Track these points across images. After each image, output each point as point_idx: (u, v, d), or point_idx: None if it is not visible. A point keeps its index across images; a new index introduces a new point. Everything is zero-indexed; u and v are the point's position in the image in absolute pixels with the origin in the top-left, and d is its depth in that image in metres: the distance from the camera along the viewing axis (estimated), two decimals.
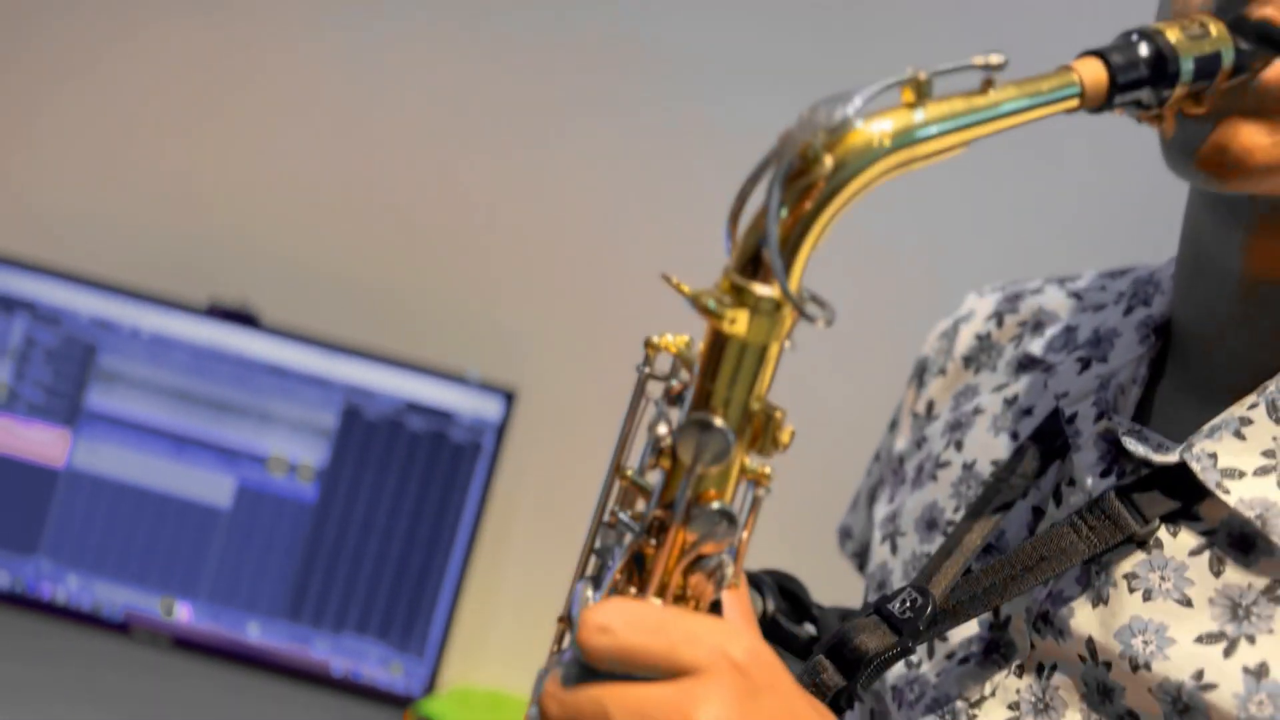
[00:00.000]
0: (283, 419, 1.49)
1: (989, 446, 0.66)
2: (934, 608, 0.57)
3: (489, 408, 1.49)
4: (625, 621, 0.44)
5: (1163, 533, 0.55)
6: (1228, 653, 0.52)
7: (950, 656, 0.61)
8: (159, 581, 1.48)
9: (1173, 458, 0.55)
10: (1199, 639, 0.53)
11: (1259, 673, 0.52)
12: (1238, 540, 0.54)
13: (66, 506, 1.48)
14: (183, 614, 1.48)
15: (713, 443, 0.45)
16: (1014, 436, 0.65)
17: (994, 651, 0.60)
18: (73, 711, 1.30)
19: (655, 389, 0.51)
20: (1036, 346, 0.67)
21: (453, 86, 1.62)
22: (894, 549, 0.69)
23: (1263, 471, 0.54)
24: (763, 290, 0.44)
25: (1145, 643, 0.54)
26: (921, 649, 0.62)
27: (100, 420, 1.49)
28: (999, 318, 0.72)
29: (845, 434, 1.13)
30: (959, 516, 0.63)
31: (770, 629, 0.63)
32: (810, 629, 0.65)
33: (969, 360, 0.72)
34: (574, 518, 1.45)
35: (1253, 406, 0.55)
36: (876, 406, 0.90)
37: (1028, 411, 0.65)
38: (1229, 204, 0.55)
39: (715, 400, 0.45)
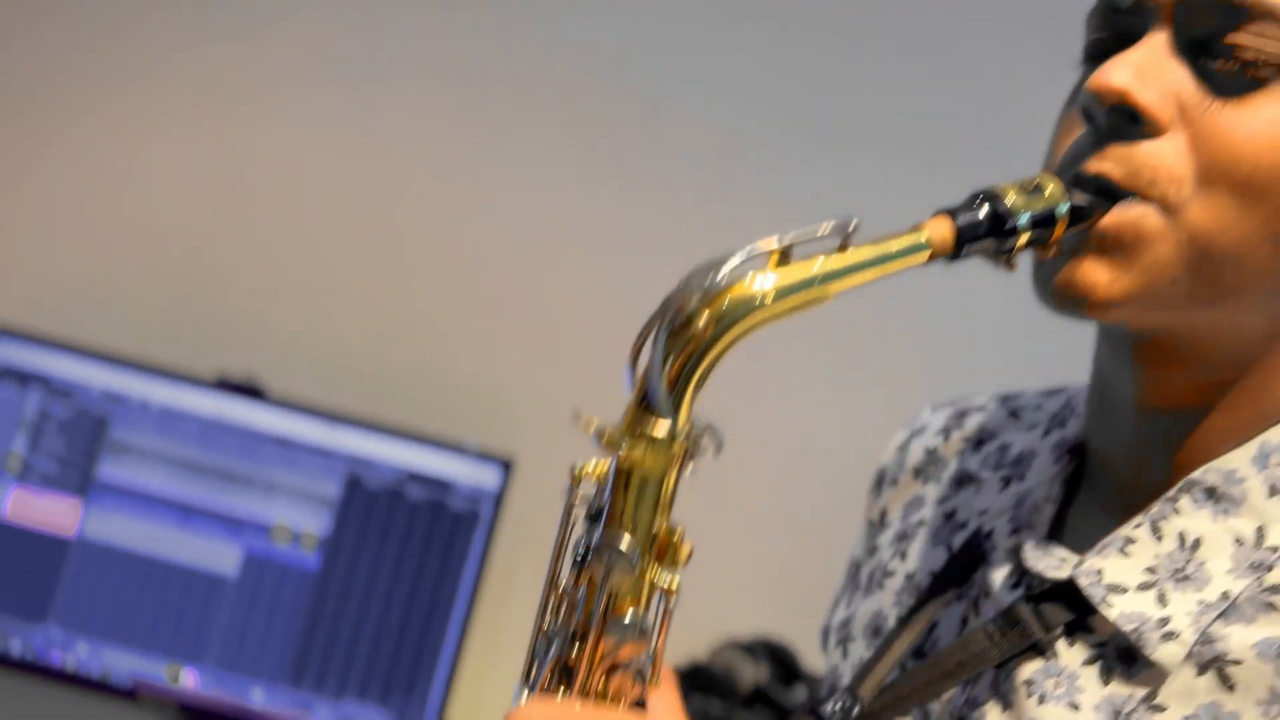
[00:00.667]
0: (287, 489, 1.54)
1: (928, 558, 0.71)
2: (861, 710, 0.63)
3: (487, 477, 1.53)
4: (545, 718, 0.51)
5: (1061, 643, 0.59)
6: None
7: None
8: (166, 648, 1.51)
9: (1064, 574, 0.60)
10: None
11: None
12: (1124, 653, 0.58)
13: (77, 575, 1.52)
14: (189, 680, 1.52)
15: (620, 562, 0.52)
16: (949, 549, 0.69)
17: None
18: None
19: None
20: (973, 463, 0.72)
21: (447, 173, 1.68)
22: (845, 654, 0.73)
23: (1144, 587, 0.58)
24: (657, 427, 0.51)
25: None
26: None
27: (111, 491, 1.53)
28: (947, 433, 0.77)
29: (841, 503, 1.17)
30: None
31: (758, 696, 0.68)
32: (801, 694, 0.69)
33: (918, 472, 0.77)
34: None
35: (1138, 526, 0.59)
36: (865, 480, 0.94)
37: (962, 525, 0.70)
38: (1121, 340, 0.60)
39: (623, 523, 0.52)
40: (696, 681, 1.36)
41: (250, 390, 1.56)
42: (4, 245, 1.67)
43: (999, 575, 0.63)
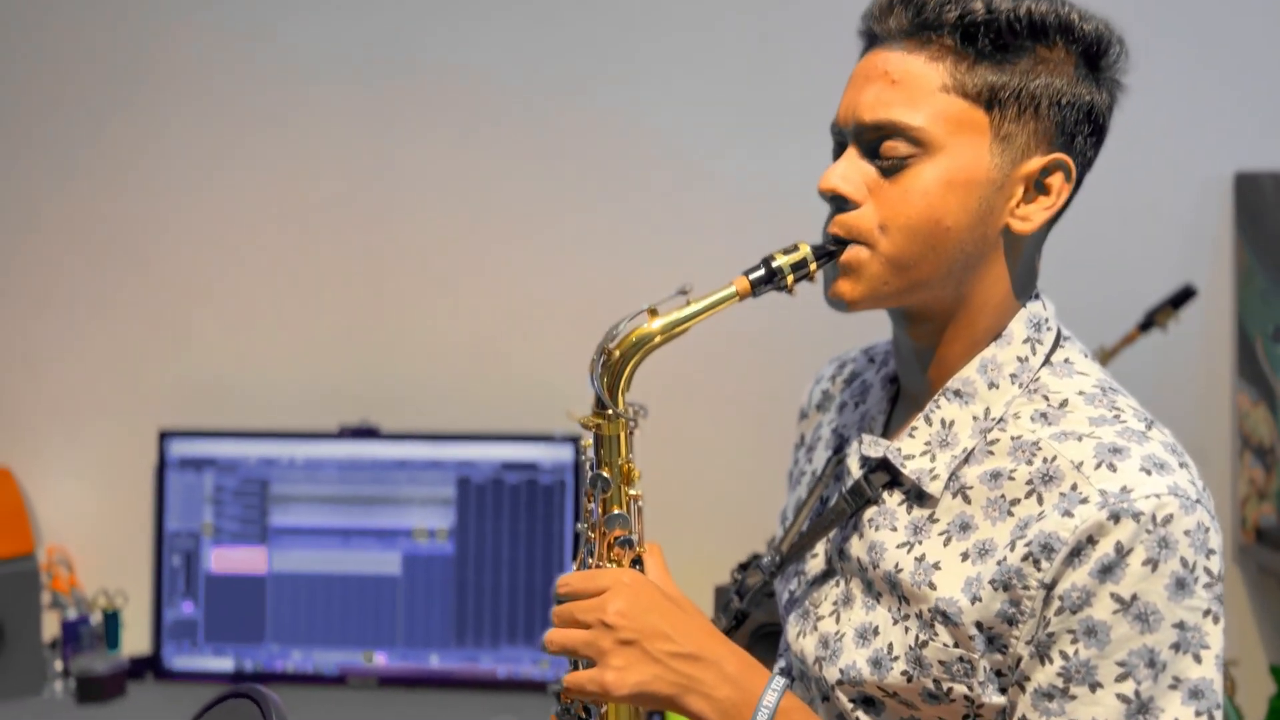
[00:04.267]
0: (415, 499, 1.95)
1: (822, 459, 1.10)
2: (780, 558, 1.04)
3: (563, 454, 1.93)
4: (577, 575, 0.92)
5: (886, 494, 0.97)
6: (909, 551, 0.94)
7: (811, 580, 1.04)
8: (358, 640, 1.95)
9: (882, 453, 0.97)
10: (899, 546, 0.95)
11: (921, 559, 0.93)
12: (918, 494, 0.95)
13: (276, 601, 1.96)
14: (381, 660, 1.95)
15: (604, 484, 0.93)
16: (835, 451, 1.08)
17: (829, 575, 1.02)
18: None
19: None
20: (846, 396, 1.12)
21: (488, 239, 2.06)
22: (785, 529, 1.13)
23: (924, 454, 0.95)
24: (609, 410, 0.92)
25: (877, 554, 0.96)
26: (796, 578, 1.05)
27: (285, 533, 1.96)
28: (833, 378, 1.16)
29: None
30: None
31: None
32: None
33: (819, 407, 1.16)
34: (648, 516, 1.87)
35: (918, 418, 0.97)
36: None
37: (839, 435, 1.09)
38: (896, 312, 0.97)
39: (603, 463, 0.93)
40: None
41: (368, 432, 1.97)
42: (158, 365, 2.09)
43: (853, 461, 1.02)
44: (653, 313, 0.91)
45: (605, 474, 0.93)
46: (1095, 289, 1.95)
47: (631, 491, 0.94)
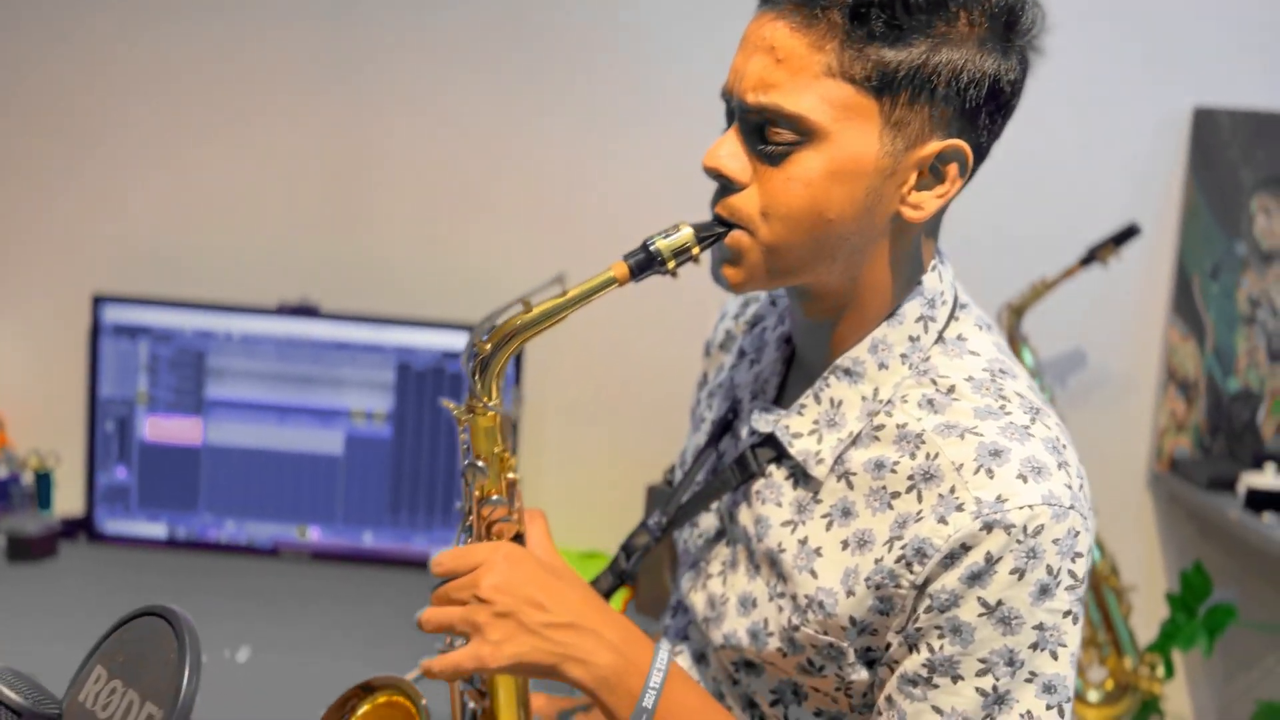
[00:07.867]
0: (353, 381, 1.94)
1: (718, 410, 1.09)
2: (667, 521, 1.04)
3: None
4: (450, 554, 0.91)
5: (773, 468, 0.97)
6: (793, 531, 0.94)
7: (701, 536, 1.06)
8: (292, 514, 1.97)
9: (770, 429, 0.97)
10: (783, 524, 0.95)
11: (804, 541, 0.94)
12: (802, 472, 0.95)
13: (211, 472, 1.96)
14: (314, 535, 1.98)
15: (478, 472, 0.92)
16: (729, 408, 1.07)
17: (721, 535, 1.03)
18: (247, 617, 1.77)
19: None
20: (747, 343, 1.10)
21: (441, 124, 2.00)
22: (683, 474, 1.12)
23: (811, 433, 0.95)
24: (479, 404, 0.91)
25: (763, 528, 0.96)
26: (691, 532, 1.07)
27: (220, 406, 1.95)
28: (737, 317, 1.14)
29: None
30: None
31: None
32: None
33: (722, 346, 1.14)
34: (585, 409, 1.90)
35: (807, 395, 0.96)
36: None
37: (734, 390, 1.08)
38: (789, 287, 0.94)
39: (477, 451, 0.92)
40: None
41: (307, 310, 1.95)
42: (95, 230, 2.03)
43: (744, 429, 1.02)
44: (526, 305, 0.88)
45: (480, 463, 0.92)
46: (1043, 218, 1.96)
47: (509, 475, 0.94)
